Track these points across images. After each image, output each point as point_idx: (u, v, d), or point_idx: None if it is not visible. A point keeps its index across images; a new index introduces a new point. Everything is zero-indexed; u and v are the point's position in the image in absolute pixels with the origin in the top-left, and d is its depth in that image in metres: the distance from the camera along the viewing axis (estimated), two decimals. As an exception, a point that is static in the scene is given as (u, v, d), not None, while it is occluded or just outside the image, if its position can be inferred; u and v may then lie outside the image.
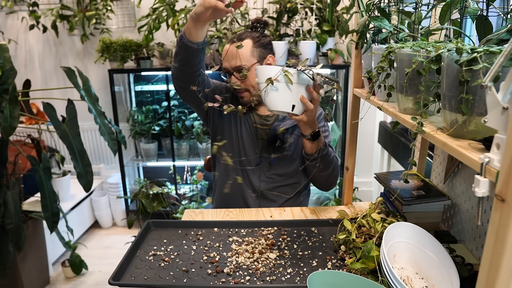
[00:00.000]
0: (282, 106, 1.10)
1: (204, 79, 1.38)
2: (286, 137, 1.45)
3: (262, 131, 1.47)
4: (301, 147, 1.41)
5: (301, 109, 1.13)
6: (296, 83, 1.07)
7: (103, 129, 1.82)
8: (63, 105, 1.78)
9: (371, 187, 3.12)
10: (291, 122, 1.44)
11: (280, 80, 1.05)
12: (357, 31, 1.13)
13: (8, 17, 3.00)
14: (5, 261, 1.78)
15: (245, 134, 1.47)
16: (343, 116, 2.72)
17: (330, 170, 1.39)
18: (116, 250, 2.78)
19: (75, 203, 2.81)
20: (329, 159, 1.37)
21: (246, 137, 1.47)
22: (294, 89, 1.08)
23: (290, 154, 1.45)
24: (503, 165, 0.46)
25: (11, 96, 1.53)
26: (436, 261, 0.89)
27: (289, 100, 1.10)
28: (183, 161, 3.00)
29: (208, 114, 1.51)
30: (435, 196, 1.13)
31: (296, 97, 1.10)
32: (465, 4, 0.81)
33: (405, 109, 0.85)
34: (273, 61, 1.44)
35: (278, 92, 1.08)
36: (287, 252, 1.07)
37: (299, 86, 1.09)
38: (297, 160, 1.46)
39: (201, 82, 1.35)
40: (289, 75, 1.05)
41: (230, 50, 1.39)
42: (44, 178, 1.76)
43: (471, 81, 0.60)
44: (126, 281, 0.96)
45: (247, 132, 1.47)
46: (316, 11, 2.56)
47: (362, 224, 1.08)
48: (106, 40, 2.71)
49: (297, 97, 1.10)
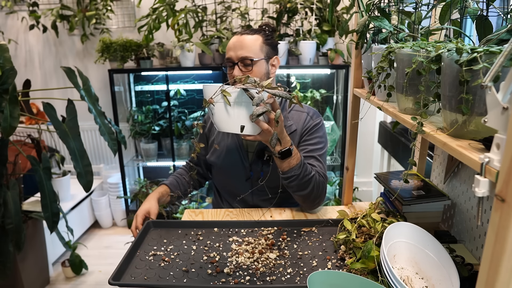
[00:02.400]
0: (230, 127, 1.04)
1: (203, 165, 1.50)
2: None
3: (250, 143, 1.42)
4: None
5: (255, 128, 1.05)
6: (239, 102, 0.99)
7: (103, 129, 1.82)
8: (63, 105, 1.78)
9: (371, 187, 3.12)
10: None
11: (219, 100, 1.00)
12: (357, 31, 1.13)
13: (8, 17, 3.00)
14: (5, 261, 1.78)
15: (234, 147, 1.42)
16: (343, 116, 2.72)
17: (307, 191, 1.26)
18: (116, 250, 2.78)
19: (75, 203, 2.81)
20: (305, 180, 1.23)
21: (235, 151, 1.41)
22: (238, 109, 1.00)
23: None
24: (503, 165, 0.46)
25: (11, 96, 1.53)
26: (436, 261, 0.89)
27: (237, 121, 1.02)
28: (183, 161, 3.00)
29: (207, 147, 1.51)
30: (435, 196, 1.13)
31: (245, 117, 1.02)
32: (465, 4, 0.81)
33: (405, 109, 0.85)
34: (278, 63, 1.39)
35: (222, 113, 1.02)
36: (287, 252, 1.07)
37: (246, 105, 1.00)
38: None
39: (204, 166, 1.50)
40: (227, 95, 0.98)
41: (239, 39, 1.33)
42: (44, 178, 1.76)
43: (471, 81, 0.60)
44: (126, 281, 0.95)
45: (235, 145, 1.42)
46: (316, 11, 2.56)
47: (362, 224, 1.08)
48: (106, 40, 2.71)
49: (245, 117, 1.02)
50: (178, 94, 2.95)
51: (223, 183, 1.50)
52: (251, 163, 1.40)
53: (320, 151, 1.38)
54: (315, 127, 1.39)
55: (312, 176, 1.26)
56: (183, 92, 2.98)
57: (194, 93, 3.05)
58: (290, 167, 1.20)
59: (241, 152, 1.41)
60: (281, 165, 1.20)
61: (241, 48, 1.31)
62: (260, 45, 1.33)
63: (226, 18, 2.67)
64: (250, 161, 1.41)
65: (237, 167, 1.42)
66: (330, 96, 2.92)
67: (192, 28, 2.64)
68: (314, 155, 1.36)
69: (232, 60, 1.33)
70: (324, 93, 2.84)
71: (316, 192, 1.29)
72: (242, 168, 1.41)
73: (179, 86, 2.95)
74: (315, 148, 1.37)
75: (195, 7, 2.61)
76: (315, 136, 1.38)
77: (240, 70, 1.31)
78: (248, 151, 1.42)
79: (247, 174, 1.41)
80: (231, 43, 1.34)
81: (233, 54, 1.32)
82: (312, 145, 1.37)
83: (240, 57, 1.31)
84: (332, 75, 2.91)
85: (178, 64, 2.71)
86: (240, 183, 1.43)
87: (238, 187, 1.43)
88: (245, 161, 1.41)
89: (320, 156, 1.37)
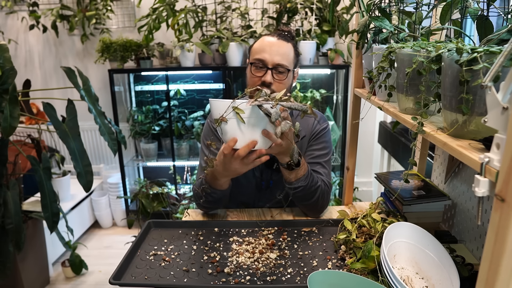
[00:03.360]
0: (241, 143, 0.99)
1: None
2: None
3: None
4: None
5: (266, 143, 1.01)
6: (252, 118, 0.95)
7: (103, 129, 1.82)
8: (63, 105, 1.78)
9: (371, 187, 3.12)
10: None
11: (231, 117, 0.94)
12: (357, 31, 1.13)
13: (8, 17, 3.00)
14: (5, 261, 1.78)
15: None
16: (343, 116, 2.72)
17: (312, 201, 1.25)
18: (116, 250, 2.78)
19: (75, 203, 2.81)
20: (311, 190, 1.23)
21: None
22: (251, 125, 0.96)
23: None
24: (503, 165, 0.47)
25: (11, 96, 1.53)
26: (437, 261, 0.89)
27: (250, 137, 0.98)
28: (183, 161, 3.00)
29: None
30: (436, 196, 1.13)
31: (257, 132, 0.98)
32: (465, 4, 0.81)
33: (406, 109, 0.85)
34: (297, 75, 1.36)
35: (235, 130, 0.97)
36: (287, 252, 1.07)
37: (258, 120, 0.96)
38: None
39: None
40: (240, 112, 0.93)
41: (277, 44, 1.25)
42: (44, 178, 1.76)
43: (471, 81, 0.60)
44: (127, 281, 0.96)
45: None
46: (316, 11, 2.56)
47: (363, 224, 1.08)
48: (106, 40, 2.71)
49: (258, 132, 0.98)
50: (178, 94, 2.95)
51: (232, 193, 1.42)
52: (261, 172, 1.37)
53: (325, 157, 1.35)
54: (322, 132, 1.36)
55: (318, 186, 1.25)
56: (183, 92, 2.98)
57: (194, 93, 3.06)
58: (297, 178, 1.19)
59: None
60: (288, 176, 1.19)
61: (278, 53, 1.24)
62: (293, 55, 1.28)
63: (226, 18, 2.67)
64: (260, 170, 1.37)
65: (247, 177, 1.37)
66: (330, 96, 2.92)
67: (192, 28, 2.64)
68: (320, 162, 1.33)
69: (266, 64, 1.24)
70: (324, 93, 2.84)
71: (321, 203, 1.28)
72: (252, 178, 1.38)
73: (179, 86, 2.96)
74: (321, 153, 1.34)
75: (195, 7, 2.61)
76: (321, 141, 1.35)
77: (272, 77, 1.24)
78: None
79: (258, 184, 1.38)
80: (266, 44, 1.26)
81: (268, 58, 1.23)
82: (318, 150, 1.35)
83: (276, 63, 1.23)
84: (332, 75, 2.91)
85: (178, 64, 2.71)
86: (251, 193, 1.40)
87: (248, 196, 1.41)
88: (256, 170, 1.36)
89: (325, 162, 1.34)
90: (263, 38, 1.30)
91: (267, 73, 1.24)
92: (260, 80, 1.24)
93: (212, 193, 1.24)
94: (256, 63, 1.25)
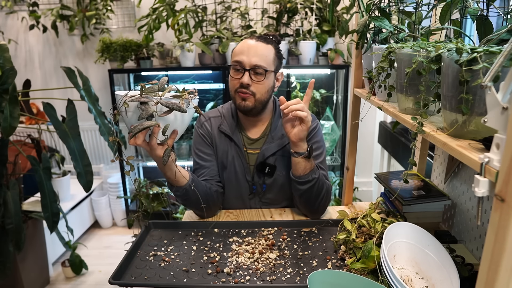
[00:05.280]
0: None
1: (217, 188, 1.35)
2: (276, 161, 1.34)
3: (252, 156, 1.36)
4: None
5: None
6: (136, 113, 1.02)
7: (103, 129, 1.82)
8: (63, 105, 1.78)
9: (371, 187, 3.12)
10: (279, 144, 1.33)
11: (132, 110, 1.03)
12: (357, 31, 1.13)
13: (8, 17, 3.00)
14: (5, 261, 1.78)
15: (237, 162, 1.36)
16: (343, 116, 2.72)
17: (321, 196, 1.26)
18: (116, 250, 2.78)
19: (75, 203, 2.81)
20: (321, 183, 1.24)
21: (239, 164, 1.36)
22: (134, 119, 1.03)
23: (282, 178, 1.35)
24: (502, 165, 0.47)
25: (11, 96, 1.53)
26: (437, 261, 0.89)
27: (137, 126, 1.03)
28: (183, 161, 3.00)
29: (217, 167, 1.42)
30: (435, 196, 1.13)
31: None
32: (465, 4, 0.81)
33: (405, 109, 0.85)
34: (281, 78, 1.35)
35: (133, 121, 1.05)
36: (287, 252, 1.07)
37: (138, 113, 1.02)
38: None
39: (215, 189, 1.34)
40: (127, 107, 1.02)
41: (254, 45, 1.26)
42: (44, 178, 1.76)
43: (471, 81, 0.60)
44: (127, 281, 0.96)
45: (238, 159, 1.36)
46: (316, 11, 2.56)
47: (362, 224, 1.08)
48: (106, 40, 2.71)
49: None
50: (178, 94, 2.95)
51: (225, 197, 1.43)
52: (253, 176, 1.36)
53: (320, 157, 1.33)
54: (311, 132, 1.32)
55: (324, 181, 1.27)
56: (183, 92, 2.98)
57: (194, 93, 3.05)
58: (311, 168, 1.21)
59: (243, 164, 1.37)
60: (305, 166, 1.20)
61: (255, 55, 1.24)
62: (273, 56, 1.28)
63: (226, 18, 2.67)
64: (252, 174, 1.36)
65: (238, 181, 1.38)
66: (330, 96, 2.92)
67: (192, 28, 2.64)
68: (316, 163, 1.30)
69: (243, 65, 1.24)
70: (324, 93, 2.84)
71: (325, 200, 1.28)
72: (245, 182, 1.38)
73: (179, 86, 2.95)
74: (315, 154, 1.31)
75: (195, 7, 2.61)
76: (313, 141, 1.32)
77: (250, 78, 1.25)
78: (249, 164, 1.37)
79: (250, 188, 1.38)
80: (244, 46, 1.26)
81: (245, 59, 1.24)
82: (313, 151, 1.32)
83: (253, 64, 1.24)
84: (332, 75, 2.91)
85: (178, 64, 2.71)
86: (244, 198, 1.40)
87: (241, 202, 1.41)
88: (247, 175, 1.37)
89: (321, 163, 1.33)
90: (243, 41, 1.30)
91: (245, 74, 1.25)
92: (239, 82, 1.26)
93: (175, 191, 1.23)
94: (235, 65, 1.27)
